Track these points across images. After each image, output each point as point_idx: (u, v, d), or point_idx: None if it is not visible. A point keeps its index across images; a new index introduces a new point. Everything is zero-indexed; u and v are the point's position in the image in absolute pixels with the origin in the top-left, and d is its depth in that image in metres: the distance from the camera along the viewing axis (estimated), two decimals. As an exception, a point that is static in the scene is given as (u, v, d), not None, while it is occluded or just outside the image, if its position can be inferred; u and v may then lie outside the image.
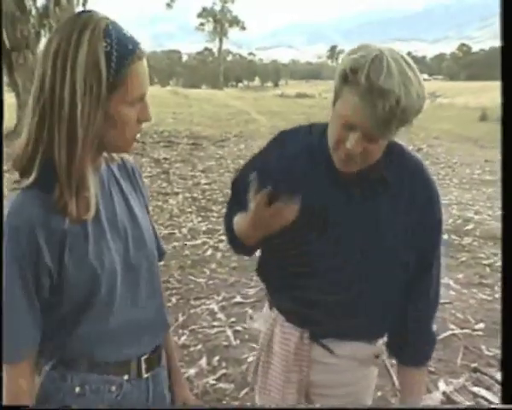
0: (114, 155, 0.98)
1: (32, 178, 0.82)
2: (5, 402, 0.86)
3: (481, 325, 2.91)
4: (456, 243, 4.33)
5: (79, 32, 0.80)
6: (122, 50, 0.82)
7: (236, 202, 1.18)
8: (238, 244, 1.18)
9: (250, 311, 3.09)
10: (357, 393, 1.22)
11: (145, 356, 0.99)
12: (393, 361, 1.57)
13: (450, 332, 2.81)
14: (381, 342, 1.21)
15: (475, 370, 2.45)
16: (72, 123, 0.80)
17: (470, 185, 6.74)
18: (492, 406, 2.15)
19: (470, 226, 4.81)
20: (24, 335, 0.86)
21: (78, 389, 0.91)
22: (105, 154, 0.95)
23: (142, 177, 1.09)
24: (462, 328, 2.87)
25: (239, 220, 1.12)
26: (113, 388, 0.94)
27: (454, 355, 2.60)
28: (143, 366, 0.98)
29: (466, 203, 5.72)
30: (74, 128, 0.80)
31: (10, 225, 0.82)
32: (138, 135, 0.92)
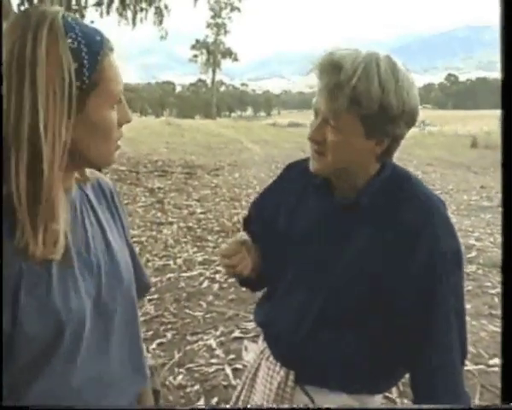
0: (88, 173, 0.82)
1: None
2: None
3: (496, 361, 2.75)
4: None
5: (35, 31, 0.65)
6: (91, 44, 0.69)
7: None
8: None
9: (246, 342, 2.93)
10: None
11: None
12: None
13: (465, 369, 2.64)
14: (379, 398, 1.09)
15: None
16: (34, 142, 0.65)
17: (468, 212, 6.68)
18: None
19: (473, 254, 4.71)
20: None
21: None
22: (76, 174, 0.79)
23: (121, 202, 0.94)
24: (476, 363, 2.72)
25: None
26: None
27: (471, 395, 2.44)
28: None
29: (466, 230, 5.64)
30: (37, 148, 0.65)
31: None
32: (125, 162, 0.78)
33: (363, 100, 0.88)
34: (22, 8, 9.80)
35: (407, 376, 1.05)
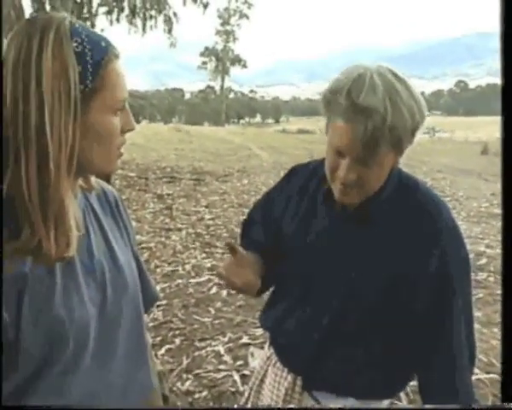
0: (93, 181, 0.83)
1: None
2: None
3: (507, 369, 2.71)
4: (472, 279, 4.17)
5: (41, 35, 0.67)
6: (96, 49, 0.69)
7: (243, 236, 1.19)
8: None
9: (252, 348, 2.92)
10: None
11: None
12: None
13: (476, 377, 2.60)
14: (386, 402, 1.08)
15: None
16: (42, 142, 0.66)
17: (478, 219, 6.62)
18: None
19: (484, 261, 4.66)
20: None
21: None
22: (81, 181, 0.80)
23: (126, 210, 0.93)
24: (487, 372, 2.68)
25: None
26: None
27: (483, 404, 2.40)
28: None
29: (476, 237, 5.58)
30: (44, 148, 0.66)
31: None
32: (131, 168, 0.78)
33: (402, 135, 0.88)
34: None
35: (414, 383, 1.05)
